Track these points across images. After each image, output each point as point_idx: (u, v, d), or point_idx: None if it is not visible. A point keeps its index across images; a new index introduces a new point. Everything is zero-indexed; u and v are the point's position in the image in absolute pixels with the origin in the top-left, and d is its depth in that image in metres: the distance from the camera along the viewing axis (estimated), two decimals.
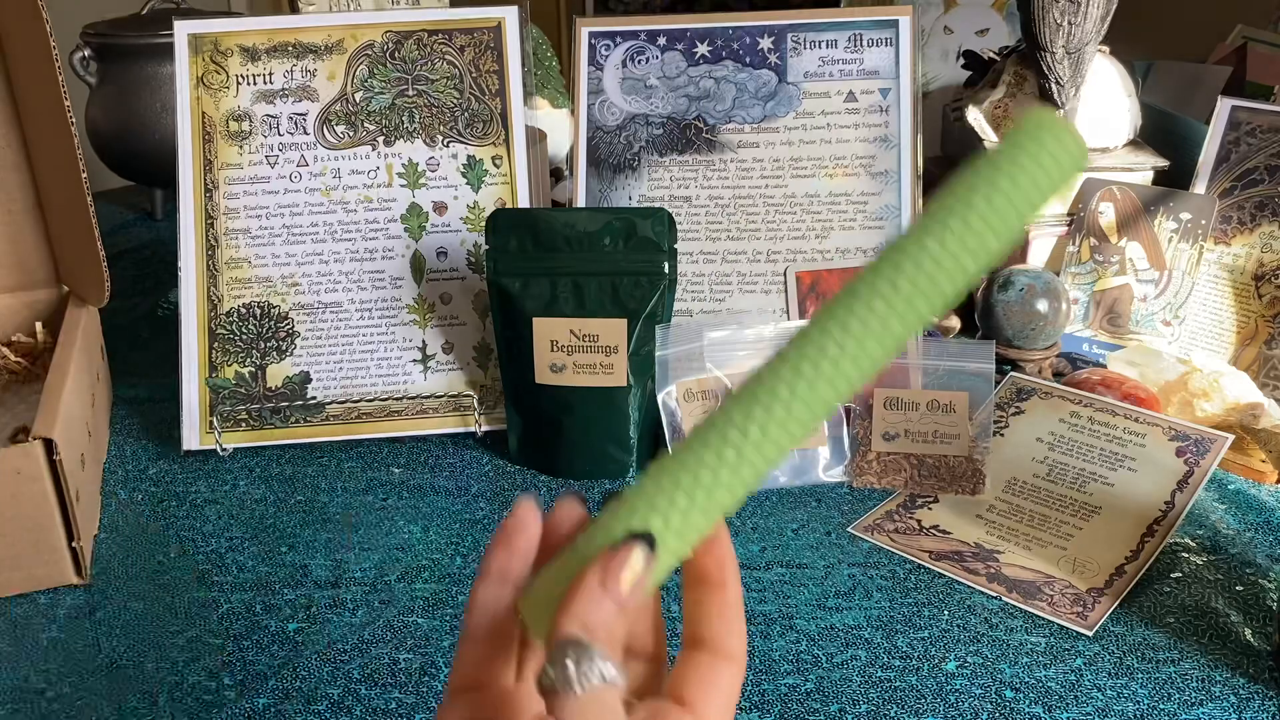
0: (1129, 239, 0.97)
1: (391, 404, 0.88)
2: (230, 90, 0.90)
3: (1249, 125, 0.95)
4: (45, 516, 0.69)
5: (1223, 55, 1.29)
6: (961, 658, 0.63)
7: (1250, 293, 0.92)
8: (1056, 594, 0.68)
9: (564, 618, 0.32)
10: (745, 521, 0.77)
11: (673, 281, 0.83)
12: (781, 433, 0.34)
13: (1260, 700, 0.59)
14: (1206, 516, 0.76)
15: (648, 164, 0.94)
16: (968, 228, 0.34)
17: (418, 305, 0.90)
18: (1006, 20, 1.36)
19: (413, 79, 0.91)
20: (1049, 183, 0.34)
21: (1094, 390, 0.84)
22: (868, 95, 0.93)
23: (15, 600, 0.70)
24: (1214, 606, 0.67)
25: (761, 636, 0.65)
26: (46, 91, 0.83)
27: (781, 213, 0.93)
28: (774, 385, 0.34)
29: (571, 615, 0.32)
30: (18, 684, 0.63)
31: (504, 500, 0.80)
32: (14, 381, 0.95)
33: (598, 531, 0.34)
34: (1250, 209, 0.93)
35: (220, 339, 0.88)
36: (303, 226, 0.90)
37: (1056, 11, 0.98)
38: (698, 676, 0.35)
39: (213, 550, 0.75)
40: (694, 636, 0.36)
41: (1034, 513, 0.76)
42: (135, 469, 0.86)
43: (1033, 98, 1.04)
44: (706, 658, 0.35)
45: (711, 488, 0.34)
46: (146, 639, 0.67)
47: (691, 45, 0.95)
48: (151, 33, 1.29)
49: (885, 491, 0.80)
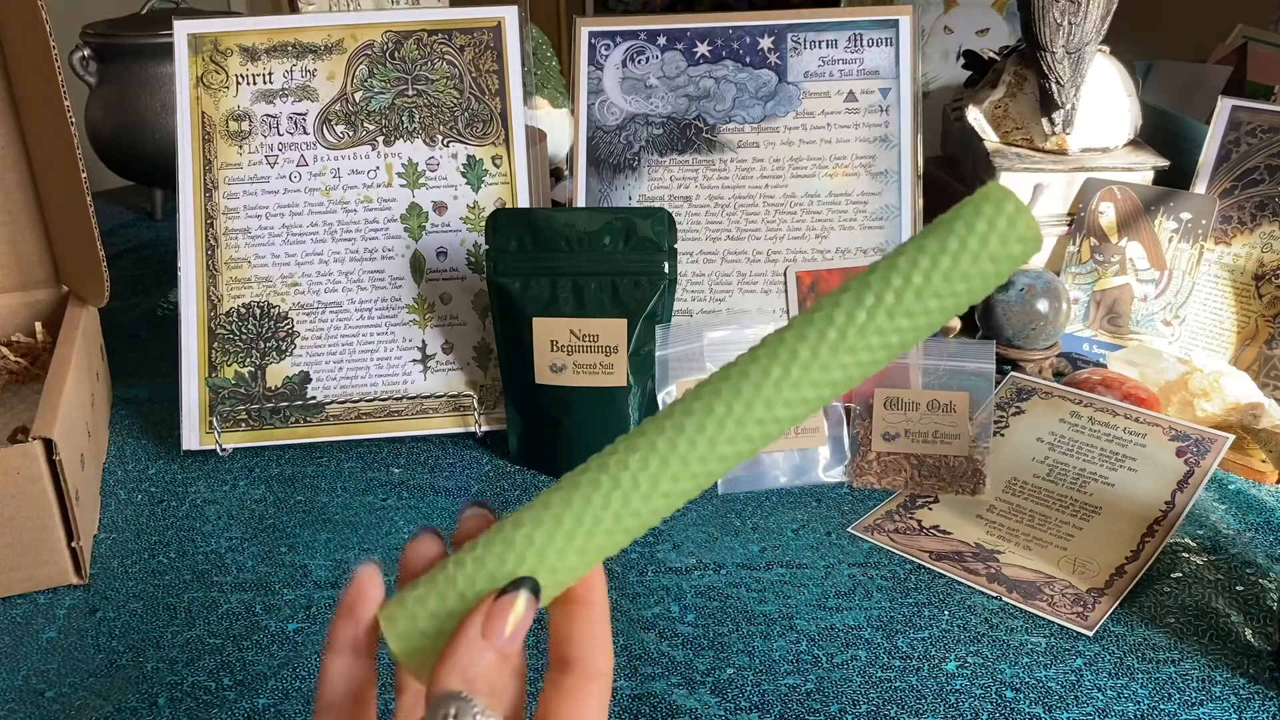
0: (1129, 239, 0.97)
1: (391, 404, 0.88)
2: (230, 90, 0.90)
3: (1249, 125, 0.95)
4: (45, 516, 0.69)
5: (1223, 55, 1.29)
6: (962, 658, 0.63)
7: (1250, 293, 0.92)
8: (1057, 594, 0.68)
9: (444, 669, 0.31)
10: (745, 521, 0.77)
11: (673, 281, 0.83)
12: (671, 486, 0.33)
13: (1260, 700, 0.59)
14: (1207, 516, 0.76)
15: (648, 164, 0.94)
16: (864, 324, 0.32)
17: (417, 305, 0.90)
18: (1006, 20, 1.36)
19: (413, 79, 0.91)
20: (990, 269, 0.32)
21: (1094, 390, 0.84)
22: (868, 95, 0.93)
23: (15, 600, 0.70)
24: (1214, 606, 0.67)
25: (761, 636, 0.65)
26: (46, 91, 0.83)
27: (781, 213, 0.93)
28: (671, 434, 0.33)
29: (451, 666, 0.31)
30: (18, 684, 0.63)
31: (504, 500, 0.80)
32: (14, 381, 0.95)
33: (476, 566, 0.33)
34: (1250, 209, 0.93)
35: (220, 339, 0.88)
36: (302, 226, 0.90)
37: (1056, 11, 0.98)
38: (568, 699, 0.34)
39: (213, 550, 0.75)
40: (561, 658, 0.35)
41: (1034, 513, 0.76)
42: (135, 469, 0.86)
43: (1033, 98, 1.04)
44: (574, 680, 0.35)
45: (593, 532, 0.33)
46: (146, 639, 0.67)
47: (691, 45, 0.95)
48: (151, 33, 1.29)
49: (885, 491, 0.80)
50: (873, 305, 0.32)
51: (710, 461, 0.33)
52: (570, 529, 0.33)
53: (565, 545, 0.33)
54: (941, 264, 0.32)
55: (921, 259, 0.32)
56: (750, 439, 0.33)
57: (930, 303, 0.32)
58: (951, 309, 0.32)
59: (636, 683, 0.61)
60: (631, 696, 0.60)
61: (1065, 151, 1.04)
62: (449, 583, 0.33)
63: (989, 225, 0.32)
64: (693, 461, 0.33)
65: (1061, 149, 1.04)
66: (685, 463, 0.33)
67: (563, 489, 0.34)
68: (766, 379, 0.33)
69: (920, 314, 0.32)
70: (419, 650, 0.33)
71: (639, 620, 0.67)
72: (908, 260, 0.32)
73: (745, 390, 0.33)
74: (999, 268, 0.32)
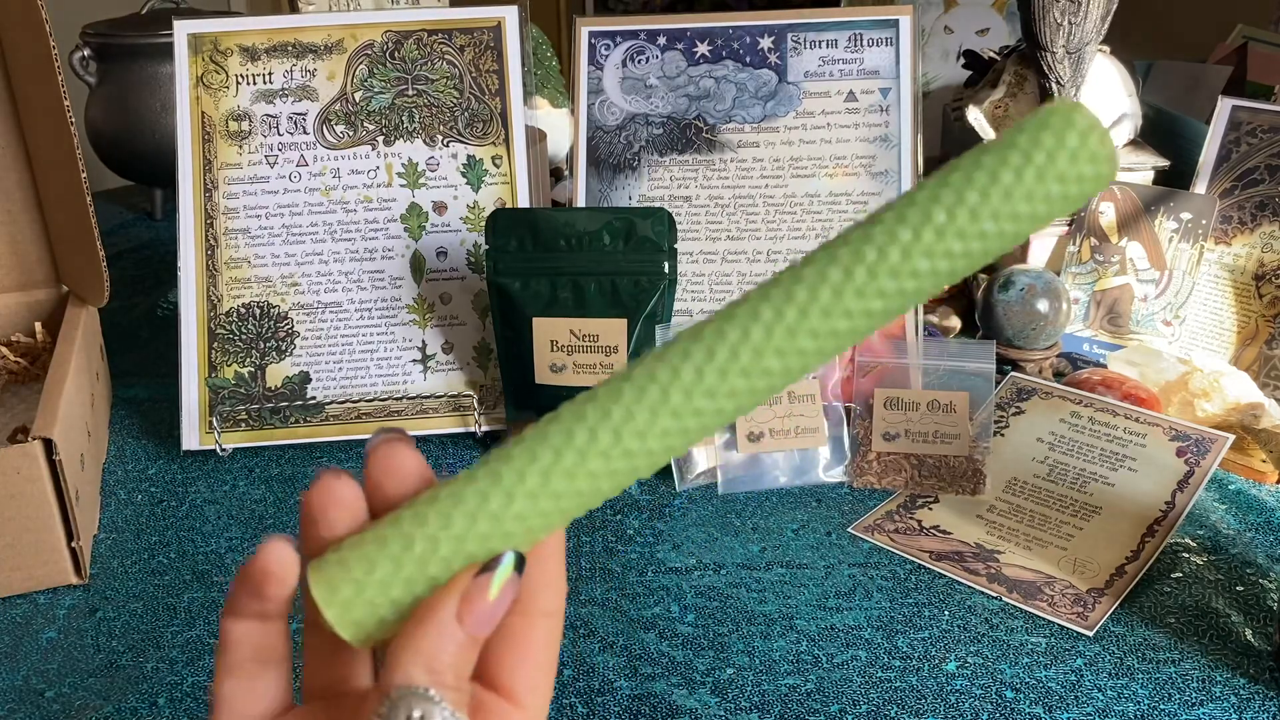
0: (1129, 239, 0.97)
1: (391, 404, 0.88)
2: (230, 90, 0.90)
3: (1249, 125, 0.95)
4: (45, 516, 0.69)
5: (1223, 55, 1.29)
6: (962, 658, 0.63)
7: (1251, 293, 0.92)
8: (1057, 594, 0.68)
9: (406, 657, 0.27)
10: (745, 521, 0.77)
11: (673, 281, 0.83)
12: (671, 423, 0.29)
13: (1261, 700, 0.59)
14: (1207, 516, 0.76)
15: (648, 164, 0.94)
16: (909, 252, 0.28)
17: (417, 305, 0.90)
18: (1006, 20, 1.36)
19: (412, 79, 0.91)
20: (1057, 191, 0.28)
21: (1094, 390, 0.83)
22: (868, 95, 0.93)
23: (15, 600, 0.70)
24: (1214, 607, 0.67)
25: (761, 636, 0.65)
26: (46, 91, 0.83)
27: (781, 213, 0.93)
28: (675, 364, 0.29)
29: (415, 654, 0.27)
30: (18, 684, 0.63)
31: None
32: (14, 381, 0.95)
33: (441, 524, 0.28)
34: (1250, 209, 0.93)
35: (220, 339, 0.88)
36: (302, 226, 0.90)
37: (1057, 11, 0.98)
38: (512, 642, 0.31)
39: (213, 550, 0.75)
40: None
41: (1034, 513, 0.76)
42: (135, 469, 0.86)
43: (1033, 98, 1.04)
44: (519, 619, 0.31)
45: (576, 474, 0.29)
46: (146, 639, 0.67)
47: (691, 45, 0.95)
48: (151, 33, 1.29)
49: (885, 491, 0.80)
50: (919, 224, 0.28)
51: (719, 397, 0.29)
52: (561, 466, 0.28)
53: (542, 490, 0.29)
54: (1002, 179, 0.27)
55: (978, 174, 0.28)
56: (769, 372, 0.29)
57: (987, 224, 0.28)
58: (1011, 235, 0.28)
59: (636, 683, 0.61)
60: (631, 696, 0.60)
61: None
62: (405, 546, 0.28)
63: (1057, 140, 0.27)
64: (697, 395, 0.29)
65: None
66: (689, 396, 0.28)
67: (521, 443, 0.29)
68: (790, 303, 0.28)
69: (975, 237, 0.28)
70: (362, 622, 0.29)
71: (639, 620, 0.67)
72: (962, 175, 0.28)
73: (765, 314, 0.28)
74: (1067, 190, 0.28)
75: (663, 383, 0.29)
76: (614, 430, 0.29)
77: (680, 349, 0.29)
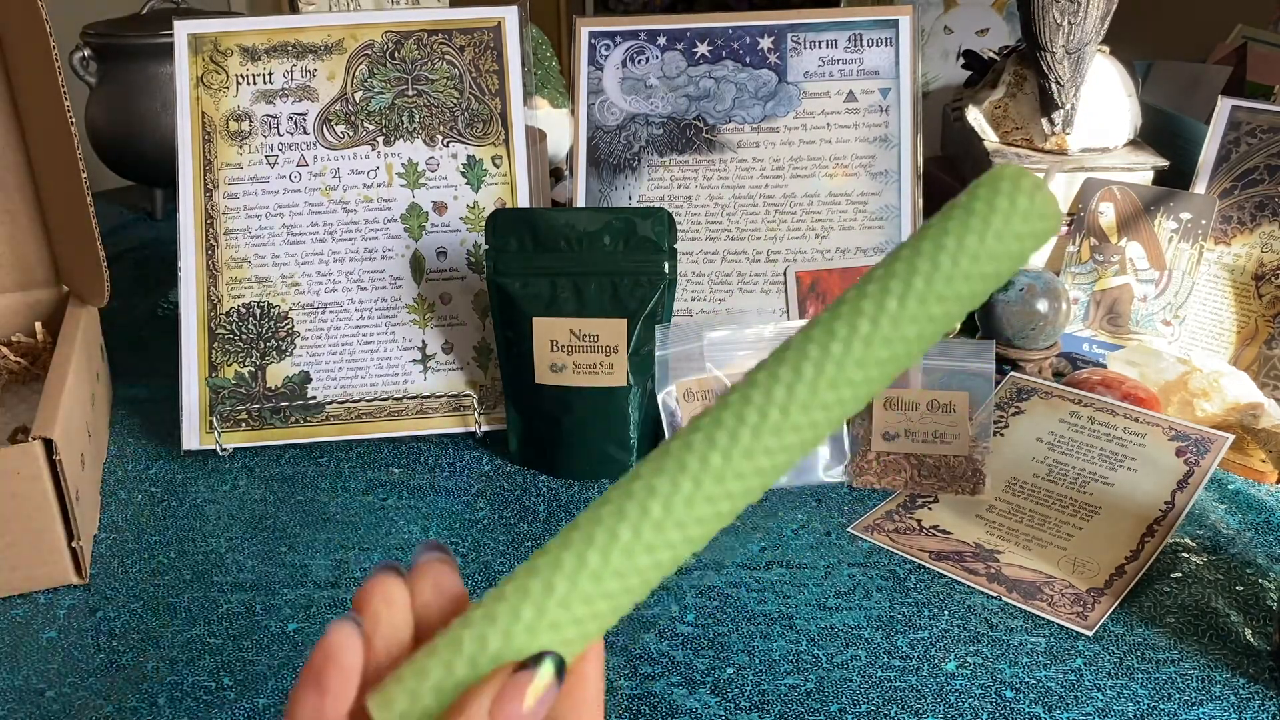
0: (1129, 239, 0.97)
1: (391, 404, 0.88)
2: (230, 90, 0.90)
3: (1249, 125, 0.95)
4: (45, 516, 0.69)
5: (1223, 55, 1.29)
6: (961, 658, 0.63)
7: (1250, 292, 0.92)
8: (1056, 594, 0.68)
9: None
10: (745, 521, 0.77)
11: (673, 281, 0.83)
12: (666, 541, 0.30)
13: (1260, 700, 0.59)
14: (1206, 516, 0.76)
15: (648, 164, 0.94)
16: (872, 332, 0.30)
17: (417, 305, 0.90)
18: (1006, 20, 1.36)
19: (413, 79, 0.91)
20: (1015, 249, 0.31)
21: (1094, 390, 0.84)
22: (868, 95, 0.93)
23: (15, 600, 0.70)
24: (1214, 606, 0.67)
25: (761, 636, 0.65)
26: (46, 91, 0.83)
27: (781, 213, 0.93)
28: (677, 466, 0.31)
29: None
30: (18, 684, 0.63)
31: (504, 500, 0.80)
32: (14, 381, 0.95)
33: (477, 640, 0.29)
34: (1250, 209, 0.93)
35: (220, 339, 0.88)
36: (302, 226, 0.90)
37: (1056, 11, 0.98)
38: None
39: (213, 550, 0.75)
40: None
41: (1034, 513, 0.76)
42: (135, 469, 0.86)
43: (1032, 98, 1.04)
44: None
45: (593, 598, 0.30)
46: (146, 639, 0.67)
47: (691, 45, 0.95)
48: (151, 33, 1.29)
49: (885, 491, 0.80)
50: (902, 294, 0.30)
51: (719, 501, 0.31)
52: (564, 591, 0.29)
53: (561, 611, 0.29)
54: (968, 245, 0.30)
55: (946, 241, 0.30)
56: (761, 471, 0.31)
57: (960, 287, 0.31)
58: (980, 292, 0.31)
59: (636, 683, 0.61)
60: (631, 696, 0.60)
61: (1065, 151, 1.04)
62: (453, 648, 0.29)
63: (1010, 203, 0.30)
64: (698, 503, 0.30)
65: (1061, 149, 1.04)
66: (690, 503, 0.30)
67: (550, 556, 0.30)
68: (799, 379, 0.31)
69: (951, 299, 0.31)
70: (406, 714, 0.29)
71: (639, 620, 0.67)
72: (932, 244, 0.31)
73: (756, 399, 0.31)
74: (1024, 246, 0.31)
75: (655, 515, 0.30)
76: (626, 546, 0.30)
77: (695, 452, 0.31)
